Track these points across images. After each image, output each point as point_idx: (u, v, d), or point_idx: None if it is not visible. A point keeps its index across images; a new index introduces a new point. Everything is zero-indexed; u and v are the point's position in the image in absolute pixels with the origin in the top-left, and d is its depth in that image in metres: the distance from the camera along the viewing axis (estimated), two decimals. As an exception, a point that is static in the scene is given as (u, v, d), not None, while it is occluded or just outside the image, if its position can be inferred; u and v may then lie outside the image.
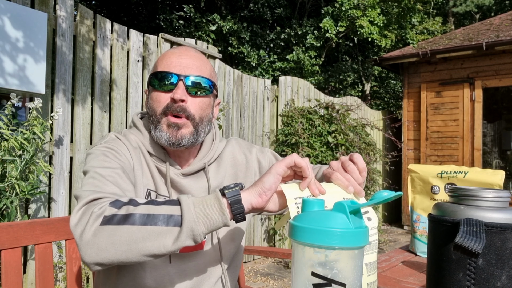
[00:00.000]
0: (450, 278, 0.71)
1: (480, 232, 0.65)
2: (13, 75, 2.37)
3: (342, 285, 0.54)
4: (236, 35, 8.12)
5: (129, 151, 0.96)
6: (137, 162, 0.97)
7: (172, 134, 0.93)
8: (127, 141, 0.98)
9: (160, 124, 0.94)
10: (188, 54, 0.97)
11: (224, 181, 1.09)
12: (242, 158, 1.13)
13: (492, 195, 0.73)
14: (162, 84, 0.94)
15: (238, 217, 0.75)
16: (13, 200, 2.11)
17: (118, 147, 0.95)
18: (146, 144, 1.00)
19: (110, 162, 0.89)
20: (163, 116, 0.94)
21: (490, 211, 0.71)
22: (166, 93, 0.94)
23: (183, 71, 0.94)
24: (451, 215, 0.74)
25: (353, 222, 0.56)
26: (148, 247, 0.71)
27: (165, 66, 0.95)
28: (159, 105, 0.94)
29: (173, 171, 1.00)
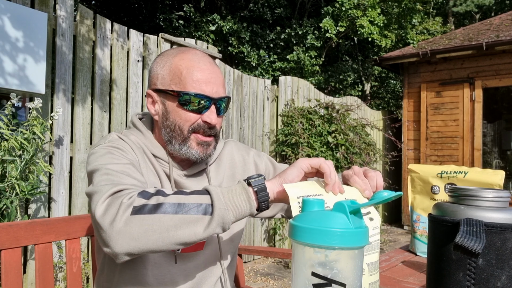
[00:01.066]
0: (450, 278, 0.71)
1: (480, 232, 0.65)
2: (13, 75, 2.37)
3: (342, 285, 0.54)
4: (236, 35, 8.12)
5: (133, 150, 0.96)
6: (142, 160, 0.97)
7: (202, 152, 0.97)
8: (129, 141, 0.98)
9: (189, 141, 0.96)
10: (214, 71, 0.96)
11: (223, 182, 1.10)
12: (240, 160, 1.15)
13: (492, 195, 0.73)
14: (194, 106, 0.93)
15: (263, 205, 0.78)
16: (13, 200, 2.11)
17: (123, 146, 0.95)
18: (148, 146, 1.00)
19: (119, 159, 0.89)
20: (192, 133, 0.96)
21: (490, 211, 0.71)
22: (196, 113, 0.94)
23: (215, 93, 0.95)
24: (451, 215, 0.74)
25: (353, 222, 0.56)
26: (180, 235, 0.73)
27: (196, 86, 0.93)
28: (188, 124, 0.95)
29: (176, 172, 1.01)
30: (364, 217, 0.74)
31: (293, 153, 4.55)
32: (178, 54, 0.97)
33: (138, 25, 8.99)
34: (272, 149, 4.87)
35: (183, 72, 0.94)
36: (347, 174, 0.86)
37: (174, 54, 0.98)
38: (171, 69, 0.95)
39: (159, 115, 0.99)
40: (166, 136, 0.98)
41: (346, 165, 4.65)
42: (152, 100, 0.99)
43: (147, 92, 1.00)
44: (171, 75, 0.95)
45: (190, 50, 0.99)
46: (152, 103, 1.00)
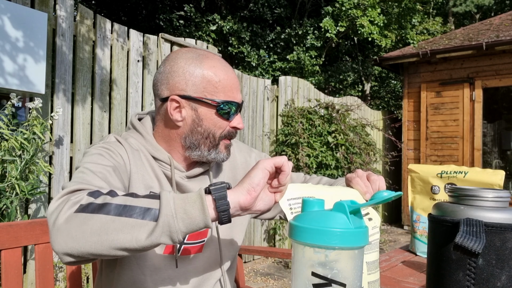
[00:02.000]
0: (450, 278, 0.71)
1: (480, 232, 0.65)
2: (13, 75, 2.37)
3: (342, 285, 0.54)
4: (236, 35, 8.12)
5: (127, 154, 0.95)
6: (137, 165, 0.95)
7: (228, 154, 1.02)
8: (127, 144, 0.97)
9: (219, 146, 0.99)
10: (235, 77, 1.00)
11: None
12: (242, 162, 1.15)
13: (492, 195, 0.73)
14: (227, 112, 0.97)
15: (223, 216, 0.71)
16: (13, 200, 2.11)
17: (115, 148, 0.94)
18: (149, 148, 0.99)
19: (103, 160, 0.88)
20: (222, 139, 0.99)
21: (490, 211, 0.71)
22: (226, 120, 0.98)
23: (240, 99, 1.00)
24: (451, 215, 0.74)
25: (353, 222, 0.56)
26: (119, 239, 0.67)
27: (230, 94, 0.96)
28: (220, 130, 0.98)
29: (178, 174, 1.00)
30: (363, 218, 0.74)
31: (293, 153, 4.55)
32: (204, 60, 0.96)
33: (138, 25, 8.99)
34: (272, 149, 4.87)
35: (216, 81, 0.95)
36: (350, 177, 0.87)
37: (199, 60, 0.96)
38: (204, 77, 0.94)
39: (186, 121, 0.96)
40: (193, 142, 0.97)
41: (346, 165, 4.65)
42: (178, 106, 0.95)
43: (172, 97, 0.95)
44: (204, 83, 0.94)
45: (214, 56, 0.99)
46: (177, 108, 0.96)
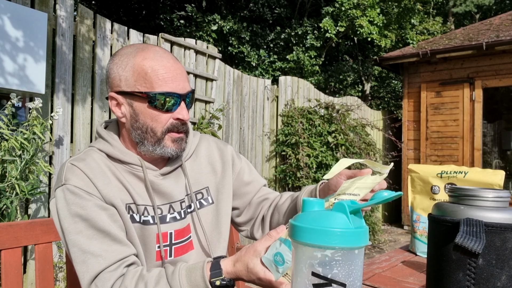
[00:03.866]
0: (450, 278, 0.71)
1: (480, 232, 0.65)
2: (13, 75, 2.37)
3: (342, 285, 0.54)
4: (236, 35, 8.12)
5: (90, 179, 0.91)
6: (103, 184, 0.93)
7: (177, 148, 0.97)
8: (85, 166, 0.93)
9: (164, 141, 0.95)
10: (178, 67, 0.95)
11: (202, 177, 1.08)
12: (218, 154, 1.13)
13: (492, 195, 0.73)
14: (164, 105, 0.92)
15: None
16: (13, 200, 2.11)
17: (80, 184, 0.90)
18: (116, 154, 0.97)
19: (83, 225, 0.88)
20: (166, 133, 0.95)
21: (490, 211, 0.71)
22: (167, 112, 0.94)
23: (182, 89, 0.94)
24: (451, 215, 0.74)
25: (353, 222, 0.56)
26: None
27: (164, 85, 0.92)
28: (161, 125, 0.94)
29: (151, 173, 0.99)
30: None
31: (293, 153, 4.55)
32: (138, 52, 0.94)
33: (138, 25, 8.99)
34: (272, 149, 4.87)
35: (148, 72, 0.92)
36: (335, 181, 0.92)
37: (134, 53, 0.94)
38: (134, 70, 0.92)
39: (126, 117, 0.96)
40: (137, 138, 0.96)
41: (346, 165, 4.64)
42: (117, 103, 0.96)
43: (110, 94, 0.96)
44: (135, 76, 0.92)
45: (150, 47, 0.96)
46: (117, 105, 0.96)
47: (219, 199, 1.09)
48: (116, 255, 0.87)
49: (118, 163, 0.98)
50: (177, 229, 1.00)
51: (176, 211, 1.01)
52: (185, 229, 1.02)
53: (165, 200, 1.00)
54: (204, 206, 1.06)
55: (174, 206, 1.01)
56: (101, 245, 0.87)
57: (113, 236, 0.88)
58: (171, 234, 0.98)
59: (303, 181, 4.44)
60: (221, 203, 1.09)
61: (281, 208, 1.10)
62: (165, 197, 0.99)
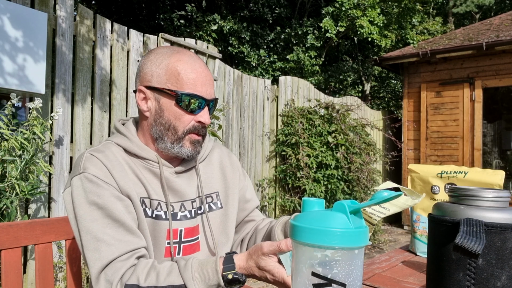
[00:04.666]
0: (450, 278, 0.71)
1: (480, 232, 0.65)
2: (13, 75, 2.37)
3: (342, 285, 0.54)
4: (236, 35, 8.12)
5: (108, 170, 0.93)
6: (120, 175, 0.95)
7: (194, 150, 1.01)
8: (104, 157, 0.95)
9: (183, 141, 0.99)
10: (207, 73, 1.00)
11: (213, 181, 1.11)
12: (227, 163, 1.17)
13: (492, 195, 0.73)
14: (189, 106, 0.97)
15: None
16: (13, 200, 2.11)
17: (98, 176, 0.92)
18: (134, 149, 0.99)
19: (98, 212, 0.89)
20: (186, 134, 0.99)
21: (490, 211, 0.71)
22: (190, 114, 0.98)
23: (209, 95, 0.99)
24: (451, 215, 0.74)
25: (353, 222, 0.56)
26: None
27: (192, 87, 0.96)
28: (183, 125, 0.98)
29: (167, 170, 1.02)
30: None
31: (293, 153, 4.55)
32: (174, 54, 0.99)
33: (138, 25, 8.98)
34: (272, 149, 4.87)
35: (180, 73, 0.96)
36: None
37: (169, 54, 0.99)
38: (168, 68, 0.97)
39: (151, 111, 1.00)
40: (157, 134, 0.99)
41: (346, 165, 4.65)
42: (144, 97, 1.00)
43: (139, 88, 1.00)
44: (168, 74, 0.97)
45: (186, 52, 1.01)
46: (143, 99, 1.01)
47: (228, 204, 1.12)
48: (129, 246, 0.89)
49: (135, 158, 1.00)
50: (187, 227, 1.02)
51: (187, 209, 1.03)
52: (195, 228, 1.04)
53: (178, 198, 1.02)
54: (213, 210, 1.08)
55: (186, 204, 1.03)
56: (115, 234, 0.89)
57: (127, 226, 0.90)
58: (181, 232, 1.00)
59: (303, 181, 4.44)
60: (229, 208, 1.11)
61: (259, 233, 1.13)
62: (178, 195, 1.02)
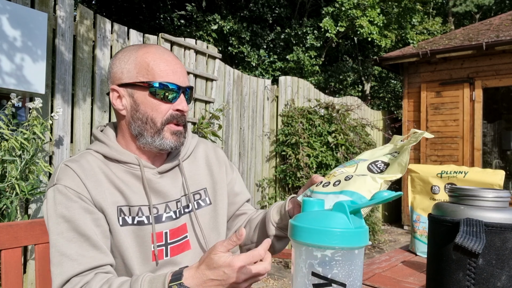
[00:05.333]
0: (450, 278, 0.70)
1: (480, 232, 0.65)
2: (11, 74, 2.37)
3: (342, 285, 0.54)
4: (236, 35, 8.12)
5: (81, 180, 0.92)
6: (94, 186, 0.93)
7: (176, 141, 0.99)
8: (78, 167, 0.94)
9: (163, 132, 0.97)
10: (178, 62, 1.00)
11: (200, 178, 1.09)
12: (213, 157, 1.15)
13: (492, 195, 0.73)
14: (164, 95, 0.95)
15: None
16: (13, 200, 2.11)
17: (70, 184, 0.91)
18: (113, 154, 0.98)
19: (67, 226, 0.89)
20: (165, 124, 0.97)
21: (490, 211, 0.71)
22: (167, 103, 0.96)
23: (183, 82, 0.98)
24: (451, 215, 0.74)
25: (353, 222, 0.56)
26: None
27: (165, 76, 0.95)
28: (161, 115, 0.96)
29: (149, 171, 1.00)
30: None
31: (293, 153, 4.55)
32: (141, 48, 0.99)
33: (139, 25, 8.98)
34: (272, 149, 4.87)
35: (149, 64, 0.96)
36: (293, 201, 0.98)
37: (136, 49, 0.99)
38: (136, 62, 0.96)
39: (127, 109, 0.98)
40: (136, 130, 0.98)
41: (346, 165, 4.64)
42: (118, 95, 0.99)
43: (111, 88, 0.99)
44: (137, 68, 0.96)
45: (152, 45, 1.01)
46: (118, 98, 0.99)
47: (216, 200, 1.10)
48: (92, 262, 0.87)
49: (116, 163, 0.98)
50: (172, 229, 1.00)
51: (172, 210, 1.01)
52: (180, 228, 1.02)
53: (161, 199, 1.00)
54: (202, 207, 1.07)
55: (170, 205, 1.01)
56: (79, 249, 0.87)
57: (92, 241, 0.89)
58: (166, 234, 0.99)
59: (303, 181, 4.44)
60: (218, 204, 1.10)
61: (253, 222, 1.11)
62: (162, 196, 1.00)
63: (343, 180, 0.81)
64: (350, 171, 0.86)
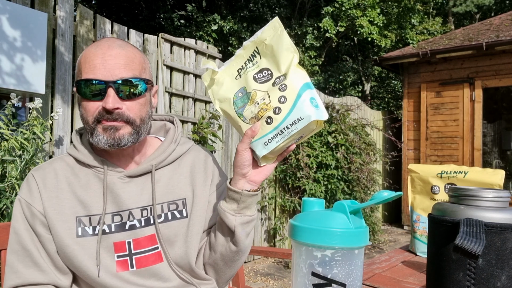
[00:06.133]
0: (450, 278, 0.70)
1: (480, 232, 0.65)
2: (10, 74, 2.37)
3: (342, 285, 0.54)
4: (236, 35, 8.12)
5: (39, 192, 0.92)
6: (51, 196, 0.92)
7: (109, 136, 0.89)
8: (40, 176, 0.94)
9: (96, 130, 0.89)
10: (112, 53, 0.88)
11: (179, 187, 0.99)
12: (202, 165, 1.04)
13: (492, 195, 0.73)
14: (90, 93, 0.87)
15: None
16: (13, 200, 2.11)
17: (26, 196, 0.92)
18: (81, 157, 0.95)
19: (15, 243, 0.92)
20: (97, 123, 0.89)
21: (490, 211, 0.71)
22: (96, 102, 0.87)
23: (110, 76, 0.87)
24: (451, 215, 0.74)
25: (353, 222, 0.56)
26: None
27: (89, 72, 0.87)
28: (90, 114, 0.89)
29: (114, 175, 0.94)
30: None
31: (293, 153, 4.55)
32: (89, 46, 0.92)
33: (139, 25, 8.98)
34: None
35: (81, 61, 0.90)
36: None
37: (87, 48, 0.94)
38: (78, 62, 0.92)
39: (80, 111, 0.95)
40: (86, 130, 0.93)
41: (346, 165, 4.65)
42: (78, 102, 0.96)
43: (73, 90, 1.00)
44: (77, 68, 0.92)
45: (102, 39, 0.94)
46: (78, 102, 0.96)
47: (196, 214, 0.98)
48: (30, 278, 0.89)
49: (87, 167, 0.96)
50: (135, 238, 0.92)
51: (136, 218, 0.93)
52: (147, 238, 0.93)
53: (124, 206, 0.93)
54: (176, 219, 0.96)
55: (134, 213, 0.93)
56: (20, 263, 0.90)
57: (34, 258, 0.90)
58: (129, 243, 0.92)
59: (303, 181, 4.44)
60: (193, 218, 0.98)
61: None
62: (124, 203, 0.93)
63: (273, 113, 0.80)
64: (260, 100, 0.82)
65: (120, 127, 0.89)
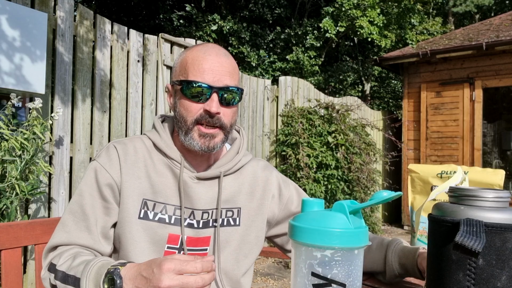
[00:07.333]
0: (450, 278, 0.70)
1: (480, 232, 0.65)
2: (12, 75, 2.37)
3: (342, 285, 0.54)
4: (236, 35, 8.12)
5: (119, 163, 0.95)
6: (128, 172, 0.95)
7: (204, 144, 0.95)
8: (122, 149, 0.97)
9: (192, 132, 0.94)
10: (220, 61, 0.94)
11: (239, 196, 1.05)
12: (263, 179, 1.10)
13: (492, 195, 0.73)
14: (195, 95, 0.92)
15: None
16: (13, 200, 2.11)
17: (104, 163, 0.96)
18: (161, 145, 0.99)
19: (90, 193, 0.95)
20: (195, 125, 0.94)
21: (490, 211, 0.71)
22: (198, 103, 0.93)
23: (217, 82, 0.93)
24: (451, 215, 0.74)
25: (353, 222, 0.56)
26: None
27: (197, 74, 0.92)
28: (191, 115, 0.94)
29: (188, 174, 0.99)
30: None
31: (293, 153, 4.55)
32: (194, 47, 0.98)
33: (138, 25, 8.99)
34: (272, 149, 4.87)
35: (188, 62, 0.95)
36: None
37: (191, 48, 0.99)
38: (181, 61, 0.97)
39: (173, 106, 1.00)
40: (177, 126, 0.99)
41: (346, 165, 4.65)
42: (169, 94, 1.02)
43: (166, 86, 1.03)
44: (180, 67, 0.97)
45: (206, 44, 1.00)
46: (169, 96, 1.02)
47: (247, 224, 1.05)
48: (81, 241, 0.92)
49: (162, 155, 1.00)
50: (190, 236, 0.97)
51: (195, 218, 0.98)
52: (201, 239, 0.99)
53: (189, 205, 0.98)
54: (231, 225, 1.02)
55: (196, 213, 0.98)
56: (75, 224, 0.93)
57: (89, 224, 0.93)
58: (182, 239, 0.97)
59: (303, 181, 4.44)
60: (249, 229, 1.05)
61: None
62: (190, 202, 0.98)
63: None
64: None
65: (216, 134, 0.95)
